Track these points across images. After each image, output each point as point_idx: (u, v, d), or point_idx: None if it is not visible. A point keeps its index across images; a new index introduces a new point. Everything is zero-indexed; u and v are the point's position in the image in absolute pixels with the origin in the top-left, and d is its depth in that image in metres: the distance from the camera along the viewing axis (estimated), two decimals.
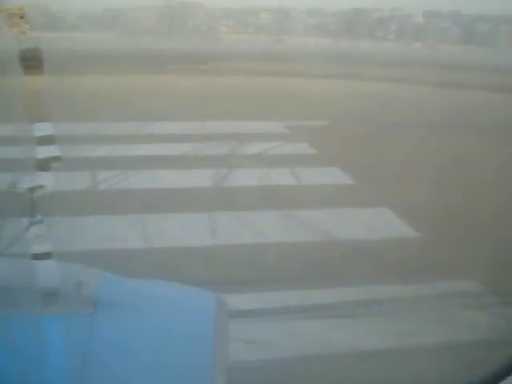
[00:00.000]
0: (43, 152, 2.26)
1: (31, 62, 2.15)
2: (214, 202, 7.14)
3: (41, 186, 2.30)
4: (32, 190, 2.30)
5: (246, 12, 30.50)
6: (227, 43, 26.51)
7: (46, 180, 2.31)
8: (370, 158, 8.91)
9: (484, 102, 15.28)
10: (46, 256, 2.33)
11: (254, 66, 20.16)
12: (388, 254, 5.71)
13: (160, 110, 12.04)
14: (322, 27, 28.15)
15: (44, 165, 2.27)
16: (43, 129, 2.26)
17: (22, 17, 2.19)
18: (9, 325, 2.19)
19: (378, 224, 6.51)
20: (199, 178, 7.93)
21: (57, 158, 2.29)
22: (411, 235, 6.23)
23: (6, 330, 2.18)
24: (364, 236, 6.18)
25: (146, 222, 6.36)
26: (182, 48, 22.00)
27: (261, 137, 10.32)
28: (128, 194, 7.30)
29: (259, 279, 5.06)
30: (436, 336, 4.43)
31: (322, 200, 7.18)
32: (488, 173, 8.18)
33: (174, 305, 2.63)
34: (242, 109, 12.58)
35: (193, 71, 18.12)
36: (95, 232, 5.99)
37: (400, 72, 20.67)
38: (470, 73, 18.86)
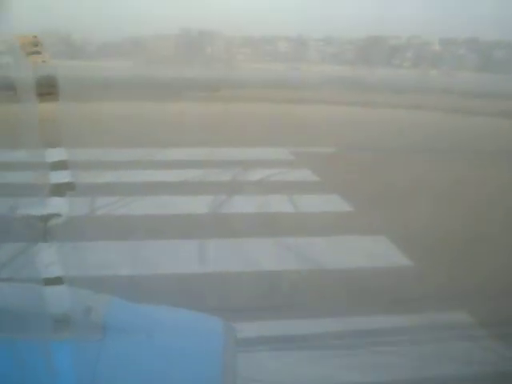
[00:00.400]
0: (56, 177, 2.28)
1: (47, 89, 2.19)
2: (212, 229, 7.08)
3: (55, 214, 2.32)
4: (45, 215, 2.32)
5: (264, 40, 30.91)
6: (244, 71, 26.78)
7: (59, 206, 2.33)
8: (373, 185, 8.79)
9: (497, 128, 15.17)
10: (57, 281, 2.35)
11: (269, 93, 20.30)
12: (379, 284, 5.56)
13: (170, 137, 12.17)
14: (339, 55, 28.34)
15: (57, 190, 2.29)
16: (56, 154, 2.28)
17: (39, 45, 2.23)
18: (19, 350, 2.20)
19: (372, 252, 6.35)
20: (200, 205, 7.89)
21: (70, 184, 2.32)
22: (405, 264, 6.06)
23: (17, 355, 2.20)
24: (357, 264, 6.03)
25: (144, 248, 6.33)
26: (198, 76, 22.29)
27: (265, 163, 10.30)
28: (130, 220, 7.30)
29: (240, 308, 4.95)
30: (419, 370, 4.28)
31: (319, 228, 7.06)
32: (489, 200, 8.03)
33: (182, 330, 2.62)
34: (251, 135, 12.63)
35: (206, 98, 18.32)
36: (91, 258, 5.98)
37: (416, 99, 20.64)
38: (485, 99, 18.76)
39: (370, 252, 6.46)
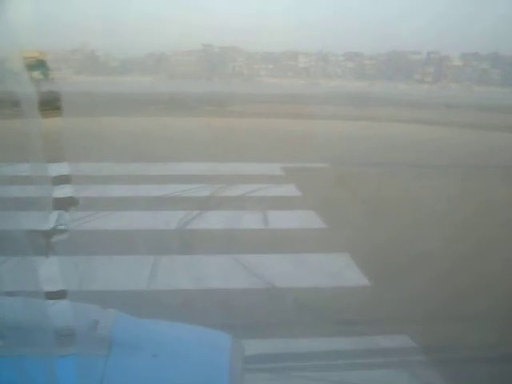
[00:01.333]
0: (59, 192, 2.28)
1: (52, 104, 2.22)
2: (171, 245, 6.90)
3: (58, 227, 2.34)
4: (48, 230, 2.34)
5: (286, 56, 30.97)
6: (264, 87, 26.80)
7: (60, 220, 2.32)
8: (352, 201, 8.49)
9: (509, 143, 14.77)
10: (60, 295, 2.35)
11: (286, 108, 20.18)
12: (328, 304, 5.28)
13: (167, 153, 12.13)
14: (360, 70, 28.11)
15: (59, 205, 2.30)
16: (57, 169, 2.27)
17: (46, 61, 2.26)
18: (23, 365, 2.17)
19: (332, 271, 6.07)
20: (168, 221, 7.73)
21: (72, 199, 2.33)
22: (361, 284, 5.74)
23: (21, 371, 2.17)
24: (312, 283, 5.75)
25: (98, 264, 6.18)
26: (211, 91, 22.35)
27: (252, 178, 10.11)
28: (94, 235, 7.12)
29: None
30: None
31: (284, 245, 6.82)
32: (463, 222, 7.65)
33: (189, 346, 2.59)
34: (249, 151, 12.47)
35: (214, 113, 18.31)
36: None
37: (434, 113, 20.29)
38: (502, 114, 18.33)
39: (329, 270, 6.19)
